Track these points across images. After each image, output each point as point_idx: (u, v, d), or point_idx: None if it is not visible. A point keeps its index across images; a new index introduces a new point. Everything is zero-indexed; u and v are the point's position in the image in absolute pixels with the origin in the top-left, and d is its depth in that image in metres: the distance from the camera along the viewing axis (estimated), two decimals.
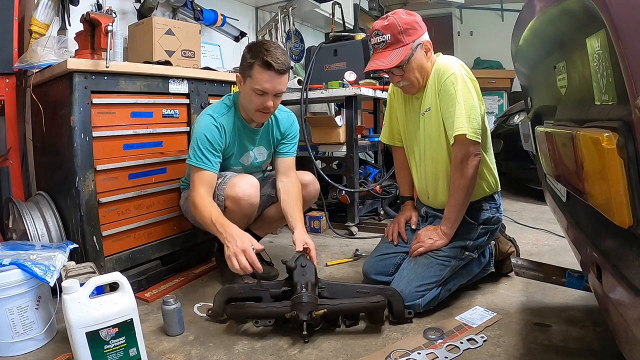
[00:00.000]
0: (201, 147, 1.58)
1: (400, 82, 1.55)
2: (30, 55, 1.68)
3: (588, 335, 1.29)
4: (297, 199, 1.69)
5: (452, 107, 1.44)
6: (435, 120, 1.54)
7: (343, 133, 2.64)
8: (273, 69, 1.51)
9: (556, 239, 2.30)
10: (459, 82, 1.44)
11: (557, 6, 0.81)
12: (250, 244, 1.42)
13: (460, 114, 1.42)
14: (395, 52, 1.47)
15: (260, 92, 1.55)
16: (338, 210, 2.74)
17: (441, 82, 1.48)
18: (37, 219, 1.61)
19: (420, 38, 1.49)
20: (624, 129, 0.59)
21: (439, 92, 1.49)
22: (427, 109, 1.56)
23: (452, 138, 1.45)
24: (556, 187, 1.15)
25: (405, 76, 1.51)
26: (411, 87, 1.56)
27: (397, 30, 1.46)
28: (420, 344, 1.27)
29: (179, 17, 2.60)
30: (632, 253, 0.64)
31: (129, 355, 1.15)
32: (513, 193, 3.53)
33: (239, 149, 1.73)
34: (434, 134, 1.56)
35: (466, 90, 1.45)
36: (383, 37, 1.48)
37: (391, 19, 1.47)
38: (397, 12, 1.50)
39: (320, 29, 4.35)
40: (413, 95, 1.62)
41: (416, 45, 1.48)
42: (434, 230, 1.56)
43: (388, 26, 1.47)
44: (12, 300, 1.27)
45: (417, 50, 1.49)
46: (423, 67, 1.52)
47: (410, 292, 1.45)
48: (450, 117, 1.45)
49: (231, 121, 1.67)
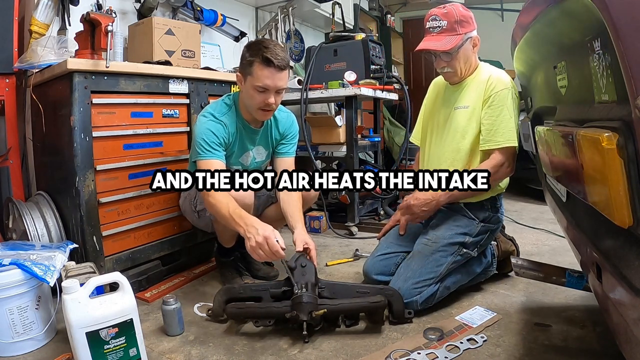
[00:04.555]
0: (207, 140, 1.57)
1: (445, 68, 1.61)
2: (30, 55, 1.68)
3: (588, 335, 1.29)
4: (297, 199, 1.69)
5: (501, 117, 1.52)
6: (468, 119, 1.58)
7: (343, 133, 2.64)
8: (273, 65, 1.52)
9: (556, 239, 2.30)
10: (512, 97, 1.55)
11: (557, 6, 0.81)
12: (272, 232, 1.39)
13: (512, 128, 1.52)
14: (448, 38, 1.54)
15: (262, 89, 1.55)
16: (338, 210, 2.74)
17: (495, 91, 1.55)
18: (37, 219, 1.61)
19: (471, 32, 1.57)
20: (624, 129, 0.59)
21: (487, 98, 1.55)
22: (463, 106, 1.61)
23: (493, 144, 1.52)
24: (556, 187, 1.15)
25: (451, 63, 1.58)
26: (453, 75, 1.62)
27: (454, 20, 1.53)
28: (420, 344, 1.27)
29: (179, 17, 2.60)
30: (632, 253, 0.64)
31: (129, 355, 1.15)
32: (513, 193, 3.52)
33: (240, 149, 1.73)
34: (461, 130, 1.60)
35: (516, 107, 1.55)
36: (440, 22, 1.55)
37: (449, 8, 1.55)
38: (455, 4, 1.57)
39: (320, 29, 4.35)
40: (451, 87, 1.68)
41: (467, 37, 1.56)
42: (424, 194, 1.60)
43: (446, 14, 1.54)
44: (12, 300, 1.27)
45: (466, 42, 1.56)
46: (469, 59, 1.60)
47: (407, 289, 1.45)
48: (497, 125, 1.52)
49: (233, 120, 1.67)
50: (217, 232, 1.79)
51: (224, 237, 1.78)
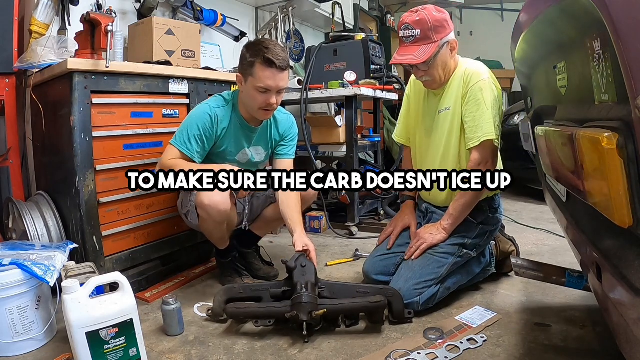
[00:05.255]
0: (189, 132, 1.59)
1: (422, 77, 1.57)
2: (30, 55, 1.68)
3: (588, 335, 1.29)
4: (296, 201, 1.69)
5: (479, 112, 1.47)
6: (451, 120, 1.56)
7: (343, 133, 2.64)
8: (275, 65, 1.52)
9: (556, 239, 2.30)
10: (487, 89, 1.48)
11: (557, 6, 0.81)
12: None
13: (489, 120, 1.46)
14: (423, 49, 1.47)
15: (264, 89, 1.55)
16: (338, 210, 2.74)
17: (469, 86, 1.50)
18: (37, 219, 1.61)
19: (447, 36, 1.50)
20: (624, 129, 0.59)
21: (464, 95, 1.51)
22: (445, 108, 1.58)
23: (476, 141, 1.47)
24: (556, 187, 1.15)
25: (429, 72, 1.53)
26: (432, 83, 1.58)
27: (427, 27, 1.46)
28: (420, 344, 1.27)
29: (179, 17, 2.60)
30: (632, 253, 0.64)
31: (129, 355, 1.15)
32: (513, 193, 3.53)
33: (235, 145, 1.72)
34: (447, 133, 1.58)
35: (494, 98, 1.49)
36: (412, 32, 1.48)
37: (422, 14, 1.47)
38: (428, 8, 1.49)
39: (320, 29, 4.35)
40: (433, 92, 1.64)
41: (443, 43, 1.49)
42: (433, 227, 1.57)
43: (419, 22, 1.47)
44: (12, 300, 1.27)
45: (443, 48, 1.50)
46: (447, 65, 1.54)
47: (408, 290, 1.45)
48: (476, 121, 1.48)
49: (228, 115, 1.67)
50: (207, 236, 1.76)
51: (213, 239, 1.75)
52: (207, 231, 1.70)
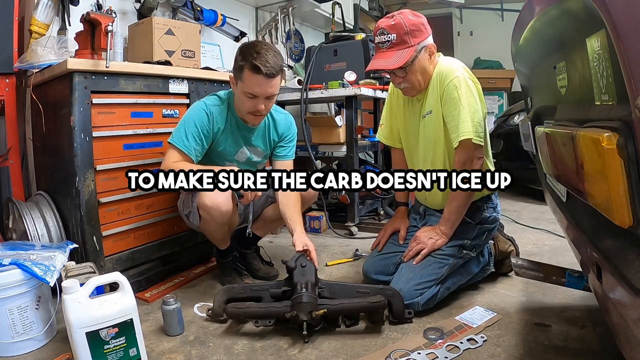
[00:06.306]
0: (186, 130, 1.58)
1: (401, 84, 1.54)
2: (30, 55, 1.68)
3: (588, 335, 1.29)
4: (296, 201, 1.69)
5: (456, 111, 1.44)
6: (435, 123, 1.54)
7: (343, 133, 2.64)
8: (262, 73, 1.49)
9: (556, 239, 2.30)
10: (462, 86, 1.44)
11: (557, 6, 0.81)
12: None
13: (465, 118, 1.42)
14: (399, 53, 1.45)
15: (251, 95, 1.55)
16: (338, 210, 2.74)
17: (444, 86, 1.47)
18: (37, 219, 1.61)
19: (425, 41, 1.48)
20: (624, 129, 0.59)
21: (441, 95, 1.49)
22: (427, 112, 1.56)
23: (456, 142, 1.45)
24: (556, 187, 1.15)
25: (407, 78, 1.50)
26: (412, 90, 1.55)
27: (403, 31, 1.44)
28: (420, 344, 1.27)
29: (179, 17, 2.60)
30: (632, 253, 0.64)
31: (129, 355, 1.15)
32: (513, 193, 3.52)
33: (232, 145, 1.72)
34: (433, 137, 1.57)
35: (469, 94, 1.45)
36: (388, 36, 1.45)
37: (397, 18, 1.45)
38: (404, 12, 1.48)
39: (320, 29, 4.35)
40: (414, 97, 1.62)
41: (421, 47, 1.47)
42: (432, 230, 1.56)
43: (394, 26, 1.44)
44: (12, 300, 1.27)
45: (421, 53, 1.47)
46: (426, 70, 1.51)
47: (409, 291, 1.45)
48: (454, 120, 1.45)
49: (223, 114, 1.67)
50: (208, 236, 1.76)
51: (214, 239, 1.75)
52: (209, 232, 1.70)
